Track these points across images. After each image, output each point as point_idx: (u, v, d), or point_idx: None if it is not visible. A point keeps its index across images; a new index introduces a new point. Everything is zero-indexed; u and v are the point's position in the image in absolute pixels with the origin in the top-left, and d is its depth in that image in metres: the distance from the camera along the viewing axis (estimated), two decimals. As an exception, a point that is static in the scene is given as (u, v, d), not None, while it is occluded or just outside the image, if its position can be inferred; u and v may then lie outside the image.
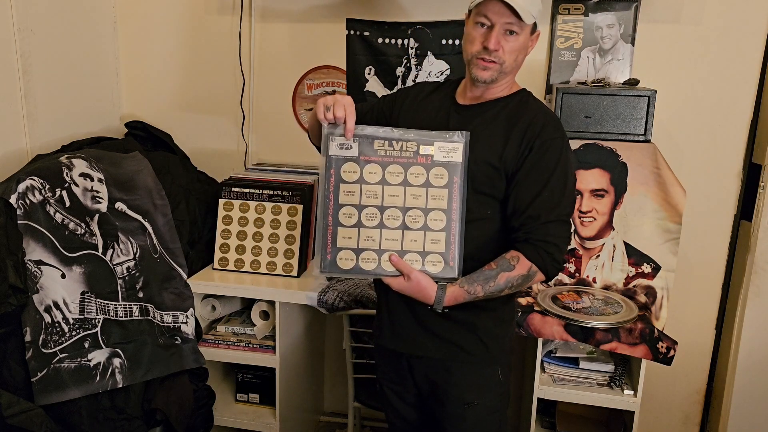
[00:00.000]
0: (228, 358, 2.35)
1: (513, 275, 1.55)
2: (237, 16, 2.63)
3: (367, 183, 1.53)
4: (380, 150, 1.53)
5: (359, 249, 1.54)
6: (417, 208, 1.54)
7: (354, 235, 1.53)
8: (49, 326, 1.90)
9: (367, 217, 1.53)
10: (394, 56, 2.54)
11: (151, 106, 2.80)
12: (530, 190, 1.55)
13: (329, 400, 2.94)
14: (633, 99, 2.16)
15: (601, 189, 2.20)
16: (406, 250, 1.55)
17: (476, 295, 1.55)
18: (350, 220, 1.53)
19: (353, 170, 1.52)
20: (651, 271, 2.18)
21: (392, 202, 1.54)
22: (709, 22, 2.33)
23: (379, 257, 1.54)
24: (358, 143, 1.52)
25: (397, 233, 1.54)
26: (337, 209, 1.52)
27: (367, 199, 1.53)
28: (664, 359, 2.03)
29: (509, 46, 1.54)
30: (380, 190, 1.53)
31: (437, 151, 1.53)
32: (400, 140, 1.53)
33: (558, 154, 1.56)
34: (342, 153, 1.52)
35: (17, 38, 2.19)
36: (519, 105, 1.62)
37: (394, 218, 1.54)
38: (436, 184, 1.54)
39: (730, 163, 2.42)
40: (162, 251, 2.22)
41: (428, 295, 1.56)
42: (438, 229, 1.55)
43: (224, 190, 2.40)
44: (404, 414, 1.83)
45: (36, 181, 1.95)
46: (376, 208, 1.53)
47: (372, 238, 1.53)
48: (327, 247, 1.53)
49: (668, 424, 2.70)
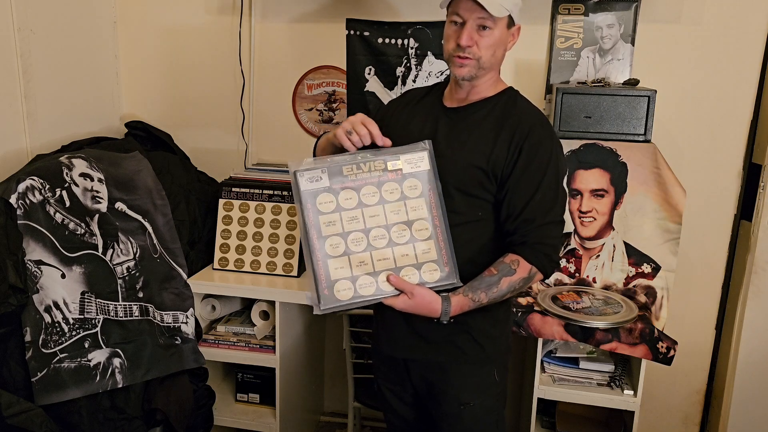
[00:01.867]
0: (228, 358, 2.35)
1: (515, 279, 1.55)
2: (237, 16, 2.63)
3: (346, 209, 1.50)
4: (350, 175, 1.51)
5: (354, 276, 1.49)
6: (400, 223, 1.53)
7: (345, 264, 1.49)
8: (49, 326, 1.90)
9: (354, 242, 1.50)
10: (394, 56, 2.54)
11: (151, 106, 2.80)
12: (524, 194, 1.55)
13: (329, 400, 2.94)
14: (633, 99, 2.16)
15: (601, 189, 2.20)
16: (401, 266, 1.52)
17: (480, 302, 1.55)
18: (338, 250, 1.49)
19: (329, 200, 1.49)
20: (651, 271, 2.18)
21: (375, 223, 1.51)
22: (709, 22, 2.33)
23: (375, 279, 1.51)
24: (327, 173, 1.49)
25: (387, 251, 1.51)
26: (322, 243, 1.48)
27: (349, 225, 1.50)
28: (664, 359, 2.03)
29: (484, 42, 1.53)
30: (360, 214, 1.50)
31: (405, 164, 1.53)
32: (367, 161, 1.52)
33: (548, 155, 1.56)
34: (314, 186, 1.48)
35: (17, 38, 2.19)
36: (506, 106, 1.61)
37: (381, 238, 1.51)
38: (412, 196, 1.53)
39: (730, 163, 2.42)
40: (162, 251, 2.22)
41: (434, 309, 1.54)
42: (424, 239, 1.54)
43: (224, 190, 2.40)
44: (403, 414, 1.83)
45: (36, 181, 1.95)
46: (360, 232, 1.50)
47: (364, 263, 1.50)
48: (321, 283, 1.47)
49: (668, 424, 2.70)
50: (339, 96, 2.64)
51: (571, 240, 2.22)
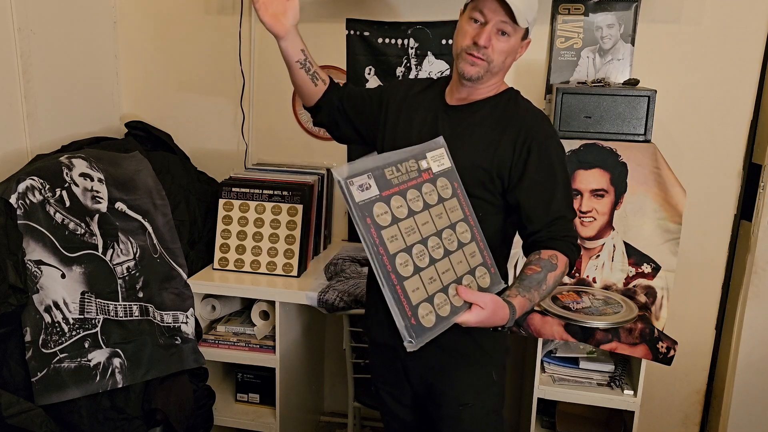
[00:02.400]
0: (228, 358, 2.35)
1: (557, 273, 1.53)
2: (237, 16, 2.63)
3: (401, 219, 1.30)
4: (393, 178, 1.33)
5: (430, 297, 1.28)
6: (447, 228, 1.38)
7: (419, 284, 1.27)
8: (49, 326, 1.90)
9: (418, 257, 1.30)
10: (394, 56, 2.54)
11: (151, 106, 2.80)
12: (544, 194, 1.55)
13: (329, 400, 2.94)
14: (633, 99, 2.16)
15: (601, 189, 2.20)
16: (460, 275, 1.38)
17: (534, 302, 1.49)
18: (408, 269, 1.27)
19: (384, 211, 1.28)
20: (651, 271, 2.18)
21: (427, 231, 1.35)
22: (709, 22, 2.33)
23: (447, 295, 1.32)
24: (374, 179, 1.29)
25: (445, 262, 1.35)
26: (393, 263, 1.25)
27: (409, 238, 1.30)
28: (664, 359, 2.03)
29: (499, 46, 1.53)
30: (413, 223, 1.32)
31: (432, 163, 1.41)
32: (402, 161, 1.36)
33: (557, 152, 1.58)
34: (366, 196, 1.26)
35: (17, 38, 2.19)
36: (508, 105, 1.62)
37: (437, 247, 1.34)
38: (446, 197, 1.42)
39: (730, 163, 2.42)
40: (162, 251, 2.22)
41: (503, 316, 1.40)
42: (468, 241, 1.43)
43: (224, 190, 2.40)
44: (400, 416, 1.82)
45: (36, 181, 1.95)
46: (420, 244, 1.31)
47: (433, 279, 1.31)
48: (407, 312, 1.22)
49: (668, 424, 2.70)
50: (339, 96, 2.64)
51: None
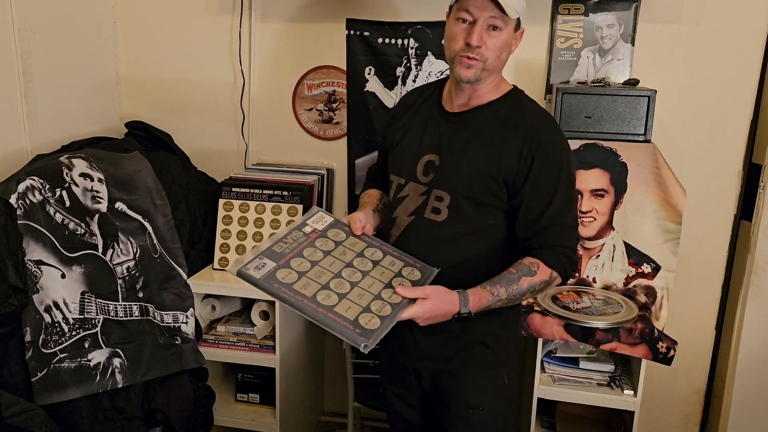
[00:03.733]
0: (228, 358, 2.35)
1: (535, 280, 1.52)
2: (237, 16, 2.63)
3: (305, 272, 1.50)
4: (283, 250, 1.55)
5: (366, 307, 1.46)
6: (355, 258, 1.58)
7: (349, 304, 1.46)
8: (49, 326, 1.90)
9: (338, 287, 1.49)
10: (394, 56, 2.54)
11: (151, 106, 2.80)
12: (541, 200, 1.52)
13: (329, 400, 2.94)
14: (633, 99, 2.16)
15: (601, 189, 2.20)
16: (387, 281, 1.53)
17: (499, 297, 1.50)
18: (332, 299, 1.46)
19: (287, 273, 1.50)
20: (651, 271, 2.18)
21: (337, 267, 1.54)
22: (709, 22, 2.33)
23: (383, 299, 1.48)
24: (267, 257, 1.52)
25: (368, 279, 1.53)
26: (316, 303, 1.44)
27: (322, 279, 1.50)
28: (664, 359, 2.03)
29: (492, 42, 1.47)
30: (319, 269, 1.52)
31: (315, 224, 1.65)
32: (287, 235, 1.59)
33: (560, 158, 1.53)
34: (265, 271, 1.50)
35: (17, 38, 2.19)
36: (512, 108, 1.56)
37: (353, 274, 1.53)
38: (341, 240, 1.62)
39: (730, 163, 2.42)
40: (162, 251, 2.22)
41: (452, 301, 1.46)
42: (381, 258, 1.60)
43: (224, 190, 2.40)
44: (408, 417, 1.81)
45: (36, 181, 1.95)
46: (336, 278, 1.51)
47: (362, 295, 1.49)
48: (349, 327, 1.40)
49: (668, 424, 2.70)
50: (339, 96, 2.64)
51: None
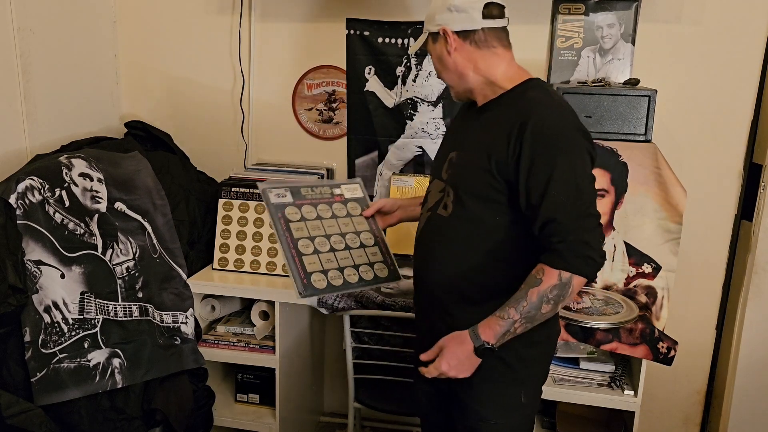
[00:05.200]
0: (228, 359, 2.35)
1: (544, 288, 1.44)
2: (237, 15, 2.63)
3: (308, 220, 1.82)
4: (307, 194, 1.88)
5: (324, 270, 1.77)
6: (351, 233, 1.87)
7: (316, 261, 1.77)
8: (48, 326, 1.90)
9: (320, 245, 1.79)
10: (394, 56, 2.54)
11: (151, 106, 2.79)
12: (535, 192, 1.44)
13: (329, 400, 2.94)
14: (633, 99, 2.16)
15: (601, 189, 2.19)
16: (358, 264, 1.81)
17: (512, 318, 1.45)
18: (308, 249, 1.77)
19: (294, 212, 1.82)
20: (651, 271, 2.18)
21: (332, 231, 1.85)
22: (709, 22, 2.33)
23: (342, 274, 1.79)
24: (290, 192, 1.84)
25: (345, 253, 1.82)
26: (294, 243, 1.76)
27: (313, 232, 1.81)
28: (664, 359, 2.03)
29: (436, 68, 1.66)
30: (320, 224, 1.84)
31: (345, 191, 1.95)
32: (317, 186, 1.92)
33: (555, 142, 1.44)
34: (281, 200, 1.82)
35: (17, 38, 2.19)
36: (512, 98, 1.54)
37: (339, 242, 1.83)
38: (355, 214, 1.90)
39: (730, 163, 2.42)
40: (161, 251, 2.22)
41: (463, 339, 1.49)
42: (371, 245, 1.85)
43: (224, 190, 2.39)
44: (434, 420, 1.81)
45: (35, 181, 1.95)
46: (323, 237, 1.82)
47: (330, 260, 1.79)
48: (300, 274, 1.73)
49: (668, 424, 2.70)
50: (339, 96, 2.64)
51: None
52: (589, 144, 1.50)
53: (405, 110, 2.58)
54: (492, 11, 1.54)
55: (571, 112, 1.53)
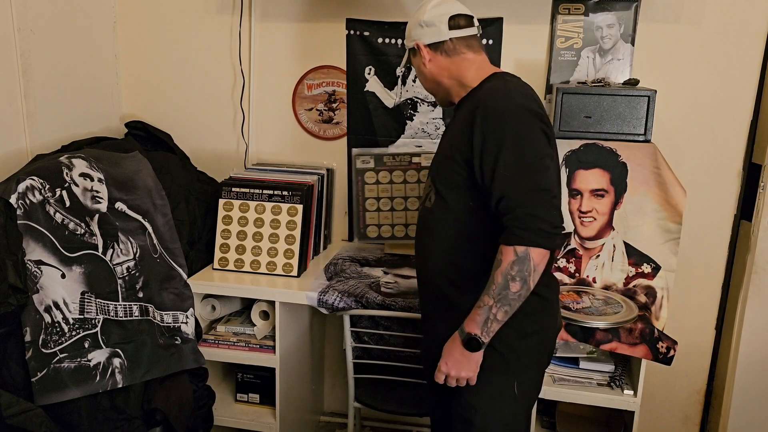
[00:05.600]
0: (228, 358, 2.35)
1: (504, 267, 1.48)
2: (237, 16, 2.63)
3: (381, 183, 2.37)
4: (387, 162, 2.42)
5: (380, 224, 2.42)
6: (414, 196, 2.40)
7: (375, 216, 2.41)
8: (48, 326, 1.90)
9: (383, 204, 2.33)
10: (394, 56, 2.54)
11: (151, 106, 2.80)
12: (488, 174, 1.51)
13: (329, 400, 2.94)
14: (633, 99, 2.16)
15: (601, 189, 2.20)
16: (409, 223, 2.39)
17: (488, 304, 1.51)
18: (373, 207, 2.38)
19: (372, 176, 2.40)
20: (651, 271, 2.18)
21: (398, 194, 2.41)
22: (709, 22, 2.33)
23: (392, 229, 2.46)
24: (374, 159, 2.44)
25: (402, 213, 2.41)
26: (364, 201, 2.37)
27: (381, 193, 2.32)
28: (664, 359, 2.03)
29: (420, 80, 1.81)
30: (389, 188, 2.37)
31: (423, 159, 2.38)
32: (397, 155, 2.46)
33: (502, 123, 1.52)
34: (364, 166, 2.42)
35: (17, 38, 2.19)
36: (473, 93, 1.67)
37: (400, 204, 2.39)
38: (423, 180, 2.22)
39: (730, 163, 2.42)
40: (162, 251, 2.22)
41: (455, 337, 1.59)
42: None
43: (224, 190, 2.39)
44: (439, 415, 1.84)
45: (36, 181, 1.95)
46: (387, 198, 2.36)
47: (387, 218, 2.39)
48: (360, 224, 2.40)
49: (668, 424, 2.70)
50: (339, 96, 2.64)
51: (571, 240, 2.22)
52: (543, 124, 1.57)
53: (405, 110, 2.58)
54: (459, 22, 1.68)
55: (524, 96, 1.61)
